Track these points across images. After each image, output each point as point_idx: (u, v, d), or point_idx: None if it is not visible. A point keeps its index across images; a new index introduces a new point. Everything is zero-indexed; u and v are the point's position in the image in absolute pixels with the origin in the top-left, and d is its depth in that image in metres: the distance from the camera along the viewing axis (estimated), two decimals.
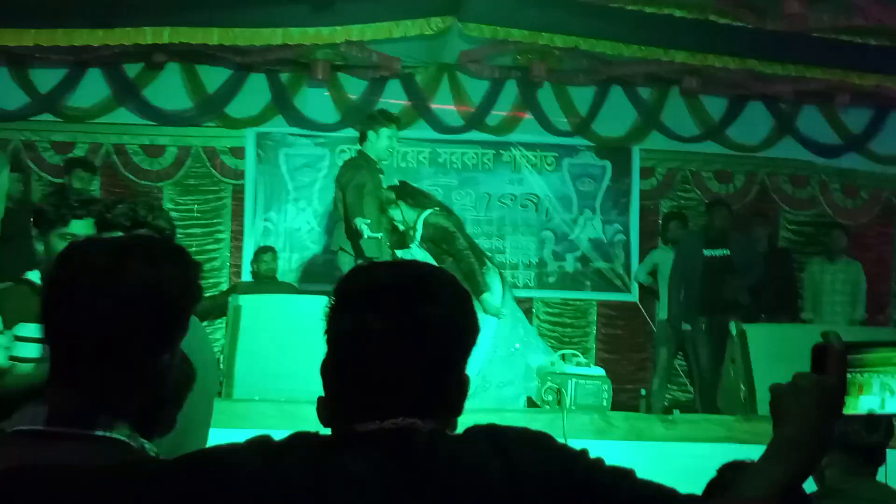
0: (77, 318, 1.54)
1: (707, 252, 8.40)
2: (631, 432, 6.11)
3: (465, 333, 1.55)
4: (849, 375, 1.43)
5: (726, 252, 8.49)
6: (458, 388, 1.56)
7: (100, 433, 1.51)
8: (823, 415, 1.42)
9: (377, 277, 1.58)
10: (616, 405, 6.76)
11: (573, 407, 6.33)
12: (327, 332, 1.54)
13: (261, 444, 1.47)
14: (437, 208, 6.97)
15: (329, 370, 1.54)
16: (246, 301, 6.65)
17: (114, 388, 1.56)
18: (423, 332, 1.50)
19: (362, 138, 7.07)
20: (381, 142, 6.98)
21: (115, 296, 1.53)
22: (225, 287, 9.14)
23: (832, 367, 1.42)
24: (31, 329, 3.20)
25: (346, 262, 6.86)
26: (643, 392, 8.76)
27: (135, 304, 1.55)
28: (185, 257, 1.66)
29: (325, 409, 1.53)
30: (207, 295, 8.74)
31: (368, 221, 6.67)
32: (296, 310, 6.49)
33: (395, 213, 6.91)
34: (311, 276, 9.22)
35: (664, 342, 8.93)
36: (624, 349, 9.80)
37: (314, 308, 1.65)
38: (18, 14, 7.69)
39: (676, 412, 6.60)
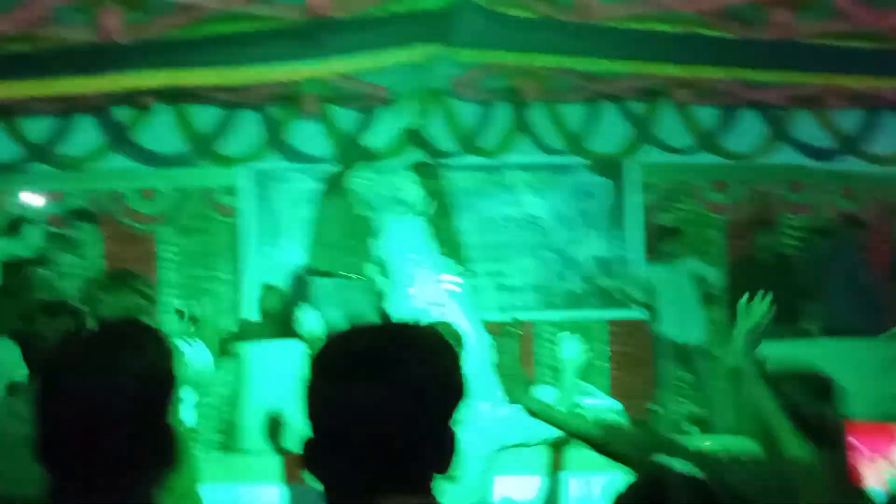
0: (77, 419, 1.60)
1: None
2: None
3: (452, 392, 1.48)
4: None
5: None
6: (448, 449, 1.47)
7: None
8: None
9: (357, 343, 1.49)
10: (628, 421, 6.69)
11: None
12: (308, 406, 1.47)
13: None
14: None
15: (314, 447, 1.46)
16: (249, 349, 6.54)
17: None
18: (413, 396, 1.42)
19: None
20: (356, 179, 6.90)
21: (113, 392, 1.61)
22: (231, 327, 9.05)
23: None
24: None
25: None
26: (651, 406, 8.75)
27: (133, 394, 1.62)
28: (161, 337, 1.77)
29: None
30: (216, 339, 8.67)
31: None
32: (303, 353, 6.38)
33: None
34: None
35: (667, 357, 8.89)
36: (633, 365, 9.73)
37: None
38: (4, 66, 7.66)
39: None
